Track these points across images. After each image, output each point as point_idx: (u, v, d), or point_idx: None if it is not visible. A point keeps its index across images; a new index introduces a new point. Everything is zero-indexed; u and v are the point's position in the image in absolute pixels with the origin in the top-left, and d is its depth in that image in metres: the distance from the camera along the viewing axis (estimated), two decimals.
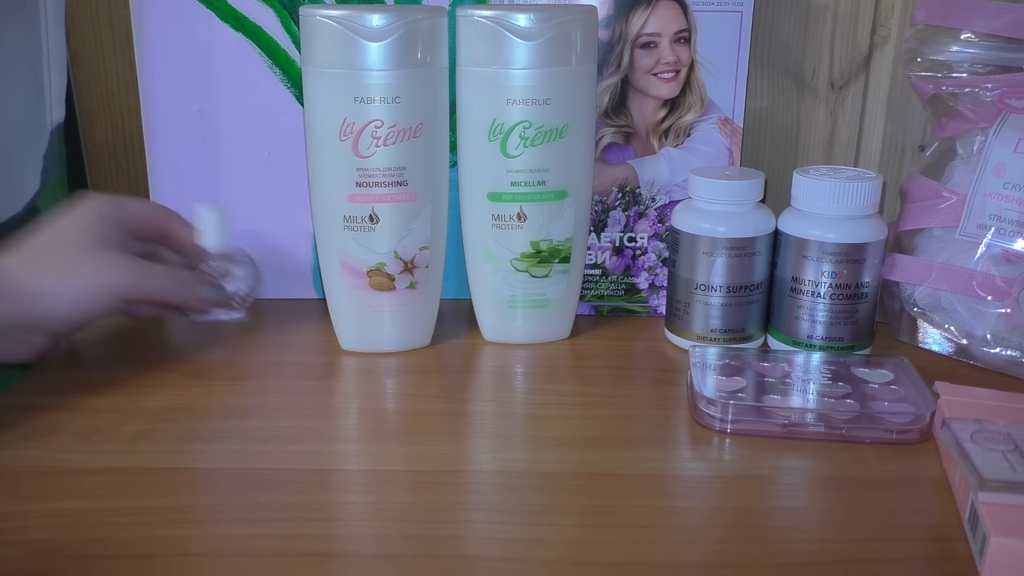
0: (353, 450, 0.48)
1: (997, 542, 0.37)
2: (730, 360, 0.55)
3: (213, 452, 0.47)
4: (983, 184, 0.57)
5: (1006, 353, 0.56)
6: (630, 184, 0.63)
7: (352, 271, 0.57)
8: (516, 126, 0.55)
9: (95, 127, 0.74)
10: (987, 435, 0.43)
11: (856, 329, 0.57)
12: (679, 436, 0.49)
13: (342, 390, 0.55)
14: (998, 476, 0.39)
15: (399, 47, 0.52)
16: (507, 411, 0.52)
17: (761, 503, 0.44)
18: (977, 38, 0.60)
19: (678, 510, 0.43)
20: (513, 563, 0.39)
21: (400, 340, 0.59)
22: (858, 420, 0.48)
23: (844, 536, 0.41)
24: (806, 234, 0.56)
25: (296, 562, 0.39)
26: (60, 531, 0.40)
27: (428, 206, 0.56)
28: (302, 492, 0.44)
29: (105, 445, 0.47)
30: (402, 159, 0.55)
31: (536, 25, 0.53)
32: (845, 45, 0.70)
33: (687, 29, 0.60)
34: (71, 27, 0.71)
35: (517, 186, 0.56)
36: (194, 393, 0.53)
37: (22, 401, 0.52)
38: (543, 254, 0.58)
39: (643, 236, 0.64)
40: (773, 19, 0.70)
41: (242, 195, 0.64)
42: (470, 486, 0.45)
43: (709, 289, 0.57)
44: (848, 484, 0.45)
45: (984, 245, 0.56)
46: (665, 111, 0.61)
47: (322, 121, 0.54)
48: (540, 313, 0.60)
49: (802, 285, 0.56)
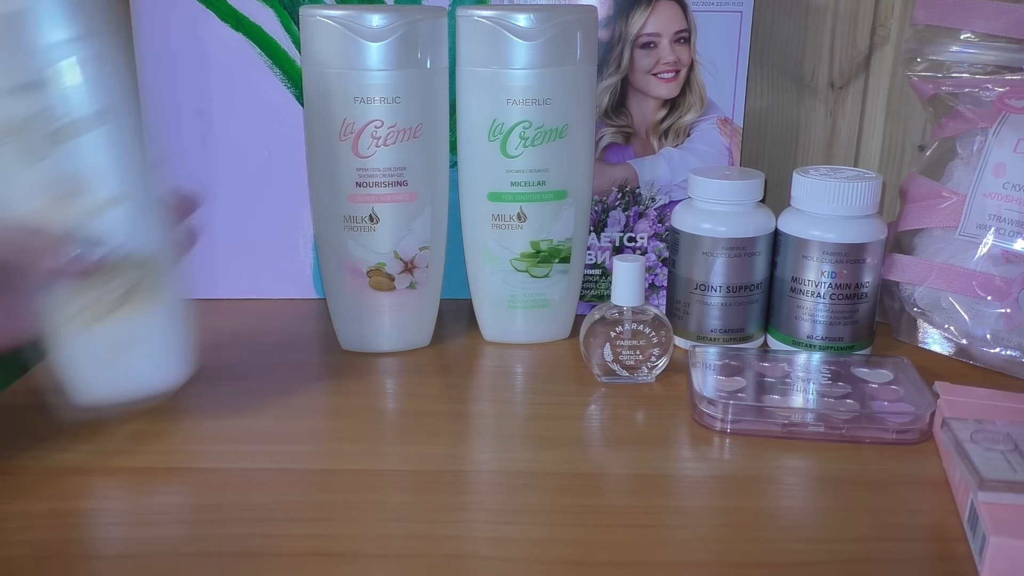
0: (353, 450, 0.48)
1: (997, 542, 0.37)
2: (730, 360, 0.55)
3: (213, 452, 0.47)
4: (983, 184, 0.57)
5: (1006, 353, 0.56)
6: (630, 184, 0.63)
7: (352, 271, 0.57)
8: (516, 126, 0.55)
9: None
10: (987, 435, 0.43)
11: (856, 329, 0.57)
12: (679, 436, 0.49)
13: (342, 390, 0.55)
14: (998, 476, 0.39)
15: (399, 47, 0.52)
16: (507, 411, 0.52)
17: (761, 503, 0.44)
18: (977, 38, 0.60)
19: (678, 510, 0.43)
20: (513, 563, 0.39)
21: (400, 340, 0.59)
22: (858, 420, 0.48)
23: (844, 536, 0.41)
24: (806, 234, 0.56)
25: (296, 562, 0.39)
26: (60, 531, 0.41)
27: (428, 206, 0.56)
28: (302, 492, 0.44)
29: (105, 445, 0.47)
30: (402, 159, 0.55)
31: (536, 25, 0.53)
32: (845, 45, 0.70)
33: (687, 29, 0.60)
34: None
35: (517, 186, 0.56)
36: (194, 393, 0.53)
37: (22, 401, 0.52)
38: (543, 254, 0.58)
39: (643, 236, 0.64)
40: (773, 19, 0.70)
41: (242, 195, 0.64)
42: (470, 486, 0.45)
43: (709, 289, 0.57)
44: (848, 484, 0.45)
45: (984, 245, 0.56)
46: (665, 111, 0.61)
47: (322, 121, 0.54)
48: (540, 313, 0.60)
49: (802, 285, 0.56)
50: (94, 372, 0.45)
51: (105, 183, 0.43)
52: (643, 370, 0.54)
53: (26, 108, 0.40)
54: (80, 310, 0.44)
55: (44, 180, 0.41)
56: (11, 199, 0.42)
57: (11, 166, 0.41)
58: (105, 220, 0.43)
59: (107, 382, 0.46)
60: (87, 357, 0.45)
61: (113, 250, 0.43)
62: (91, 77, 0.41)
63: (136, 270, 0.44)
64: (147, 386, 0.47)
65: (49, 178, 0.41)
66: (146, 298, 0.45)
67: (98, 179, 0.42)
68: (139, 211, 0.44)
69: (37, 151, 0.41)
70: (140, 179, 0.44)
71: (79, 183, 0.42)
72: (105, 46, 0.42)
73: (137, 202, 0.43)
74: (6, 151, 0.41)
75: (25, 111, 0.40)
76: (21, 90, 0.40)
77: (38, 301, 0.43)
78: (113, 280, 0.44)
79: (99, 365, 0.45)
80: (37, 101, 0.40)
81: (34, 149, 0.41)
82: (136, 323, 0.45)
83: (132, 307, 0.44)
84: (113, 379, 0.46)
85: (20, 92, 0.40)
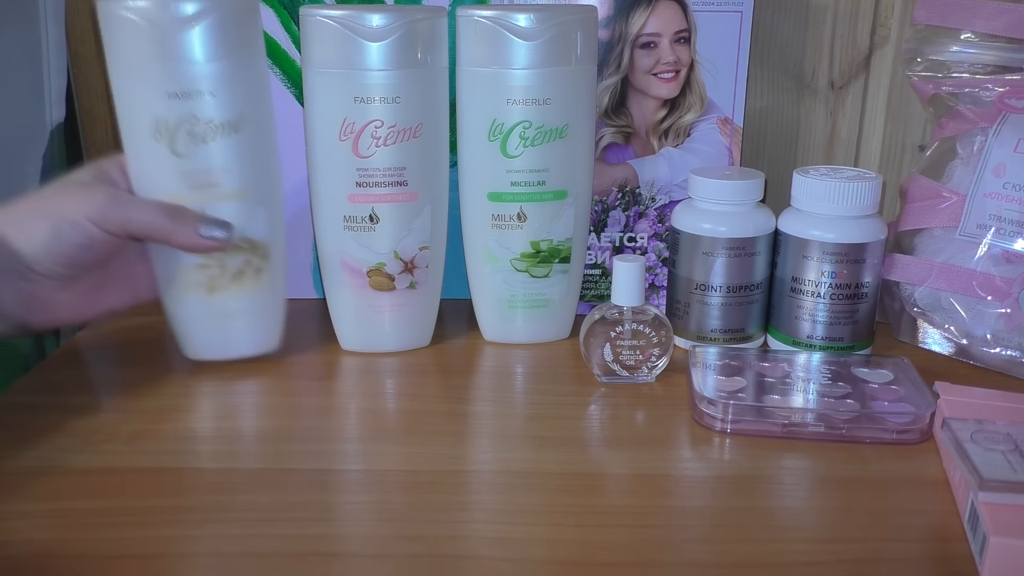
0: (353, 450, 0.48)
1: (997, 542, 0.37)
2: (730, 360, 0.55)
3: (213, 452, 0.47)
4: (983, 184, 0.57)
5: (1006, 353, 0.56)
6: (630, 184, 0.63)
7: (352, 271, 0.57)
8: (516, 126, 0.55)
9: (95, 127, 0.74)
10: (987, 435, 0.43)
11: (856, 329, 0.57)
12: (679, 436, 0.49)
13: (342, 390, 0.55)
14: (998, 476, 0.39)
15: (399, 47, 0.52)
16: (507, 411, 0.52)
17: (761, 503, 0.44)
18: (977, 38, 0.60)
19: (678, 510, 0.43)
20: (513, 563, 0.39)
21: (400, 340, 0.59)
22: (858, 420, 0.48)
23: (844, 536, 0.41)
24: (806, 234, 0.56)
25: (296, 562, 0.39)
26: (60, 531, 0.41)
27: (428, 206, 0.56)
28: (302, 492, 0.44)
29: (105, 445, 0.47)
30: (402, 159, 0.55)
31: (536, 25, 0.53)
32: (845, 45, 0.70)
33: (687, 29, 0.60)
34: (71, 27, 0.71)
35: (517, 186, 0.56)
36: (194, 393, 0.53)
37: (22, 401, 0.52)
38: (543, 254, 0.58)
39: (643, 236, 0.64)
40: (773, 19, 0.70)
41: None
42: (470, 486, 0.45)
43: (709, 289, 0.57)
44: (848, 484, 0.45)
45: (984, 245, 0.56)
46: (665, 111, 0.61)
47: (322, 121, 0.54)
48: (540, 313, 0.60)
49: (802, 285, 0.56)
50: (204, 333, 0.56)
51: (232, 178, 0.52)
52: (643, 370, 0.54)
53: (178, 112, 0.50)
54: (202, 280, 0.54)
55: (186, 171, 0.51)
56: (159, 184, 0.51)
57: (162, 158, 0.51)
58: (229, 208, 0.52)
59: (213, 342, 0.56)
60: (200, 320, 0.55)
61: (236, 234, 0.52)
62: (229, 92, 0.51)
63: (250, 253, 0.54)
64: (244, 350, 0.57)
65: (189, 170, 0.51)
66: (254, 277, 0.54)
67: (227, 175, 0.52)
68: (257, 204, 0.53)
69: (183, 148, 0.51)
70: (260, 178, 0.53)
71: (212, 176, 0.52)
72: (241, 66, 0.51)
73: (256, 196, 0.53)
74: (160, 146, 0.50)
75: (177, 115, 0.50)
76: (176, 97, 0.50)
77: (168, 268, 0.54)
78: (231, 258, 0.54)
79: (208, 328, 0.55)
80: (187, 107, 0.50)
81: (181, 146, 0.51)
82: (243, 296, 0.55)
83: (242, 283, 0.54)
84: (218, 340, 0.56)
85: (175, 99, 0.50)
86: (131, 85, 0.50)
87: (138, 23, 0.49)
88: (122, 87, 0.51)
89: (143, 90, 0.50)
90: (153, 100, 0.50)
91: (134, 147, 0.52)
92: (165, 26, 0.49)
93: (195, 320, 0.55)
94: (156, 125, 0.50)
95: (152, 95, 0.50)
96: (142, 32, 0.49)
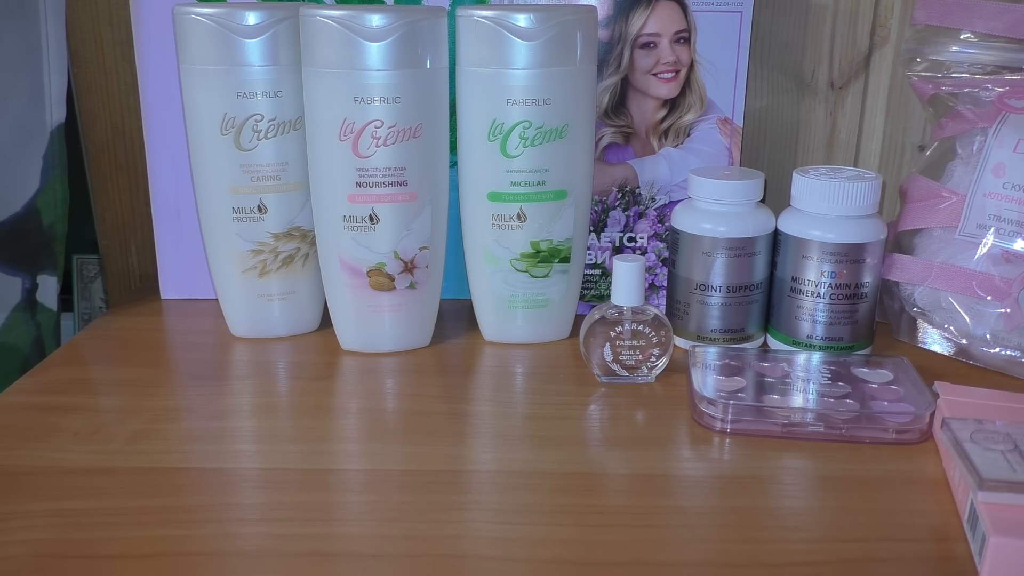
0: (353, 450, 0.48)
1: (997, 542, 0.37)
2: (730, 360, 0.55)
3: (213, 452, 0.47)
4: (983, 184, 0.57)
5: (1006, 353, 0.56)
6: (630, 184, 0.63)
7: (352, 271, 0.57)
8: (516, 126, 0.55)
9: (95, 127, 0.74)
10: (987, 435, 0.43)
11: (856, 329, 0.57)
12: (679, 436, 0.49)
13: (342, 390, 0.55)
14: (998, 476, 0.39)
15: (399, 47, 0.52)
16: (507, 411, 0.52)
17: (761, 503, 0.44)
18: (977, 38, 0.60)
19: (678, 510, 0.43)
20: (513, 563, 0.39)
21: (400, 340, 0.59)
22: (858, 420, 0.49)
23: (844, 536, 0.41)
24: (806, 234, 0.56)
25: (296, 562, 0.39)
26: (60, 531, 0.40)
27: (428, 206, 0.56)
28: (302, 492, 0.44)
29: (105, 445, 0.47)
30: (402, 159, 0.55)
31: (536, 25, 0.53)
32: (845, 45, 0.70)
33: (687, 29, 0.60)
34: (71, 27, 0.71)
35: (517, 186, 0.56)
36: (194, 393, 0.54)
37: (22, 401, 0.52)
38: (543, 254, 0.58)
39: (643, 236, 0.64)
40: (773, 19, 0.70)
41: None
42: (470, 486, 0.45)
43: (709, 289, 0.57)
44: (848, 484, 0.45)
45: (984, 245, 0.56)
46: (665, 111, 0.61)
47: (322, 121, 0.54)
48: (540, 313, 0.60)
49: (802, 285, 0.56)
50: (249, 312, 0.60)
51: (290, 172, 0.58)
52: (643, 370, 0.54)
53: (245, 110, 0.56)
54: (253, 265, 0.59)
55: (248, 164, 0.57)
56: (224, 175, 0.57)
57: (228, 151, 0.56)
58: (287, 199, 0.58)
59: (257, 322, 0.61)
60: (247, 300, 0.60)
61: (288, 223, 0.58)
62: (287, 93, 0.56)
63: (299, 241, 0.59)
64: (286, 330, 0.61)
65: (251, 163, 0.57)
66: (301, 263, 0.60)
67: (286, 169, 0.58)
68: (308, 196, 0.58)
69: (247, 143, 0.56)
70: (313, 172, 0.56)
71: (272, 170, 0.57)
72: None
73: (309, 189, 0.57)
74: (227, 139, 0.56)
75: (244, 113, 0.56)
76: (242, 97, 0.55)
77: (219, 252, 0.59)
78: (282, 246, 0.59)
79: (254, 308, 0.60)
80: (252, 107, 0.56)
81: (245, 141, 0.56)
82: (288, 281, 0.60)
83: (289, 268, 0.60)
84: (262, 320, 0.61)
85: (241, 99, 0.56)
86: (203, 87, 0.56)
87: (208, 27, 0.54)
88: (194, 87, 0.56)
89: (213, 91, 0.55)
90: (222, 99, 0.55)
91: (199, 142, 0.57)
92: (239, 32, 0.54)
93: (240, 300, 0.60)
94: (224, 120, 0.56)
95: (221, 94, 0.55)
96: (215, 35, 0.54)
